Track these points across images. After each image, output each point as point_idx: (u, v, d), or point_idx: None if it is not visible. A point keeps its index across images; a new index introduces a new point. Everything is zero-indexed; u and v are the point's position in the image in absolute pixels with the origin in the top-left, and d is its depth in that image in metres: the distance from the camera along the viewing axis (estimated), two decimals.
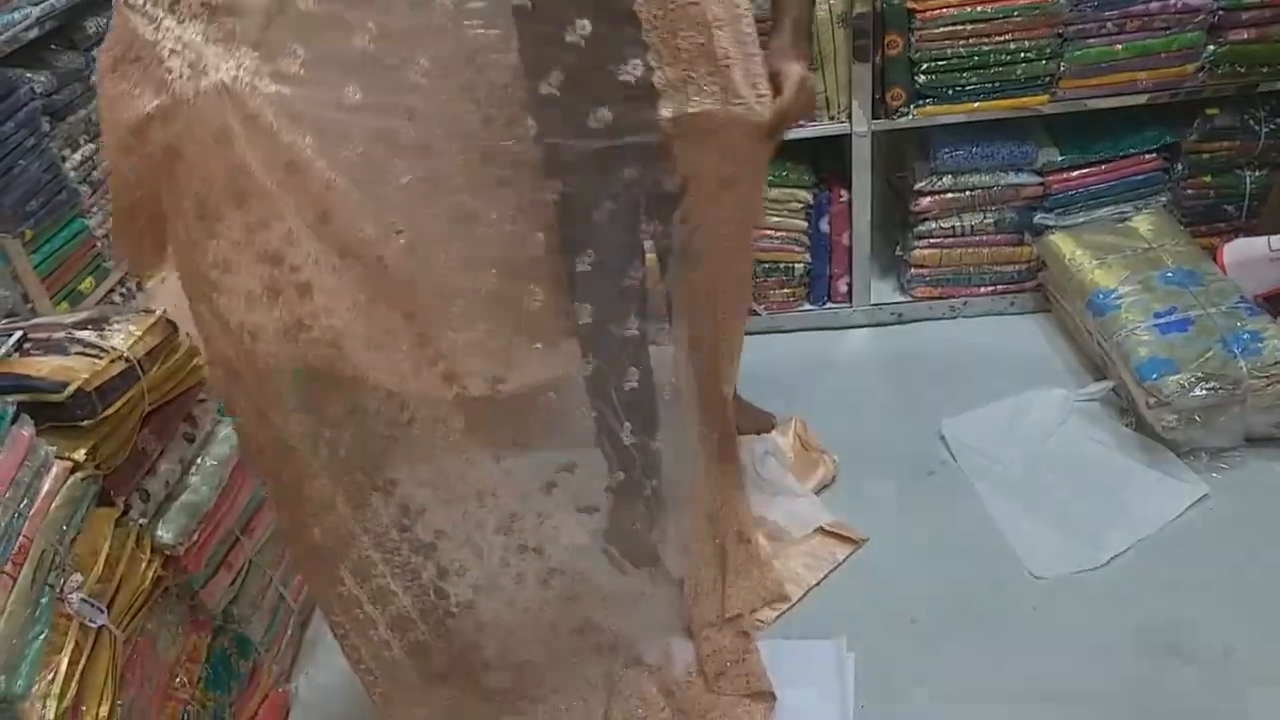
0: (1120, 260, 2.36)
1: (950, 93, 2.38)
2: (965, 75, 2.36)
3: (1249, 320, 2.12)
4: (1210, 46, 2.31)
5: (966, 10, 2.29)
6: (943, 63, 2.34)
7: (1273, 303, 2.24)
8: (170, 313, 1.62)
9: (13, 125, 2.13)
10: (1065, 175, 2.50)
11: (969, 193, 2.52)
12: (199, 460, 1.70)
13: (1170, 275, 2.29)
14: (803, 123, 2.33)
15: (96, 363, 1.47)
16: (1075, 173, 2.49)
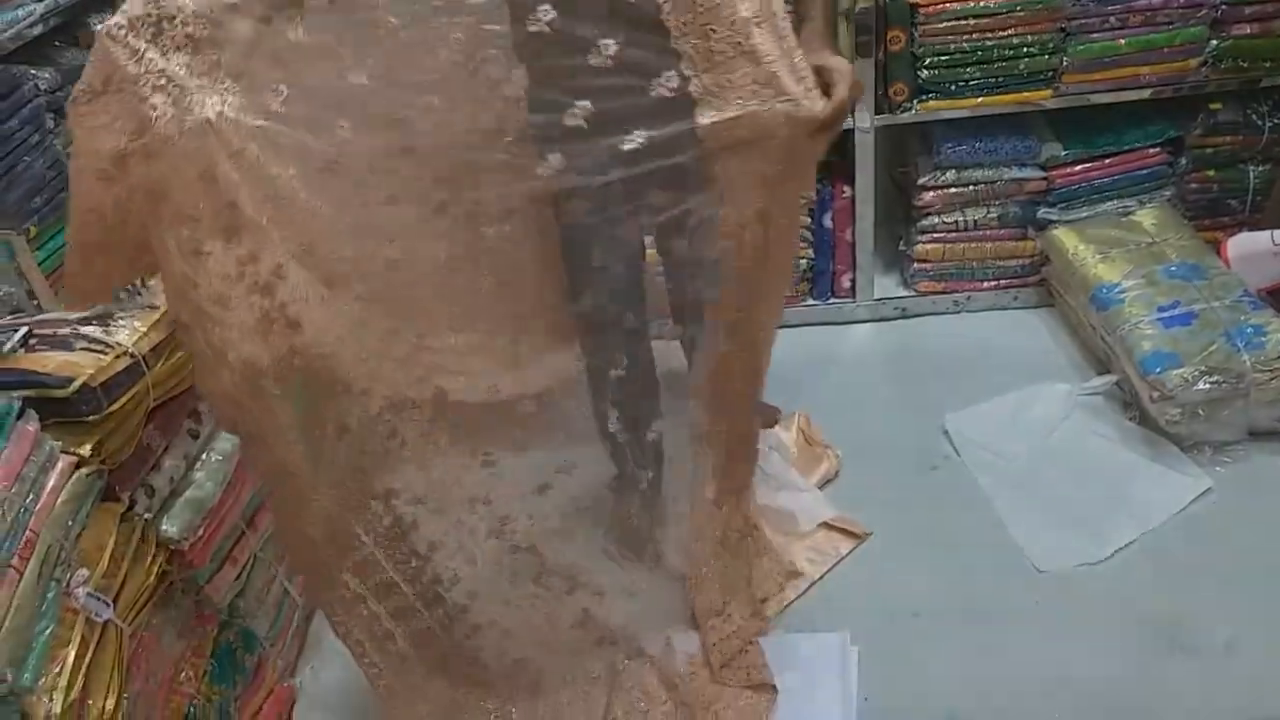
0: (1124, 254, 2.36)
1: (953, 88, 2.38)
2: (968, 70, 2.36)
3: (1252, 314, 2.12)
4: (1213, 41, 2.31)
5: (969, 5, 2.29)
6: (946, 58, 2.34)
7: (1276, 297, 2.24)
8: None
9: (17, 122, 2.13)
10: (1068, 170, 2.50)
11: (972, 187, 2.52)
12: (204, 455, 1.70)
13: (1174, 269, 2.28)
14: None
15: (102, 358, 1.47)
16: (1078, 167, 2.49)
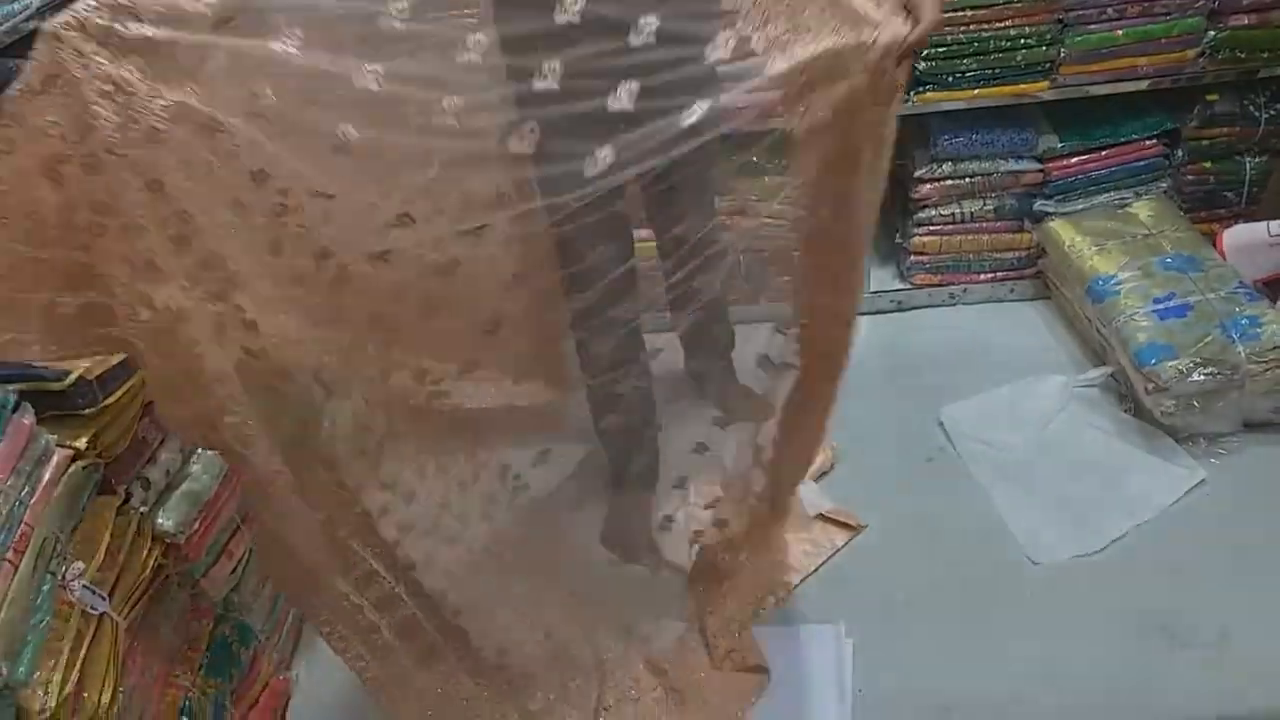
0: (1120, 246, 2.36)
1: (950, 79, 2.37)
2: (965, 62, 2.35)
3: (1248, 305, 2.12)
4: (1210, 32, 2.31)
5: None
6: (943, 49, 2.34)
7: (1272, 288, 2.24)
8: None
9: None
10: (1065, 162, 2.49)
11: (969, 179, 2.51)
12: (199, 449, 1.70)
13: (1169, 261, 2.28)
14: None
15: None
16: (1075, 159, 2.49)
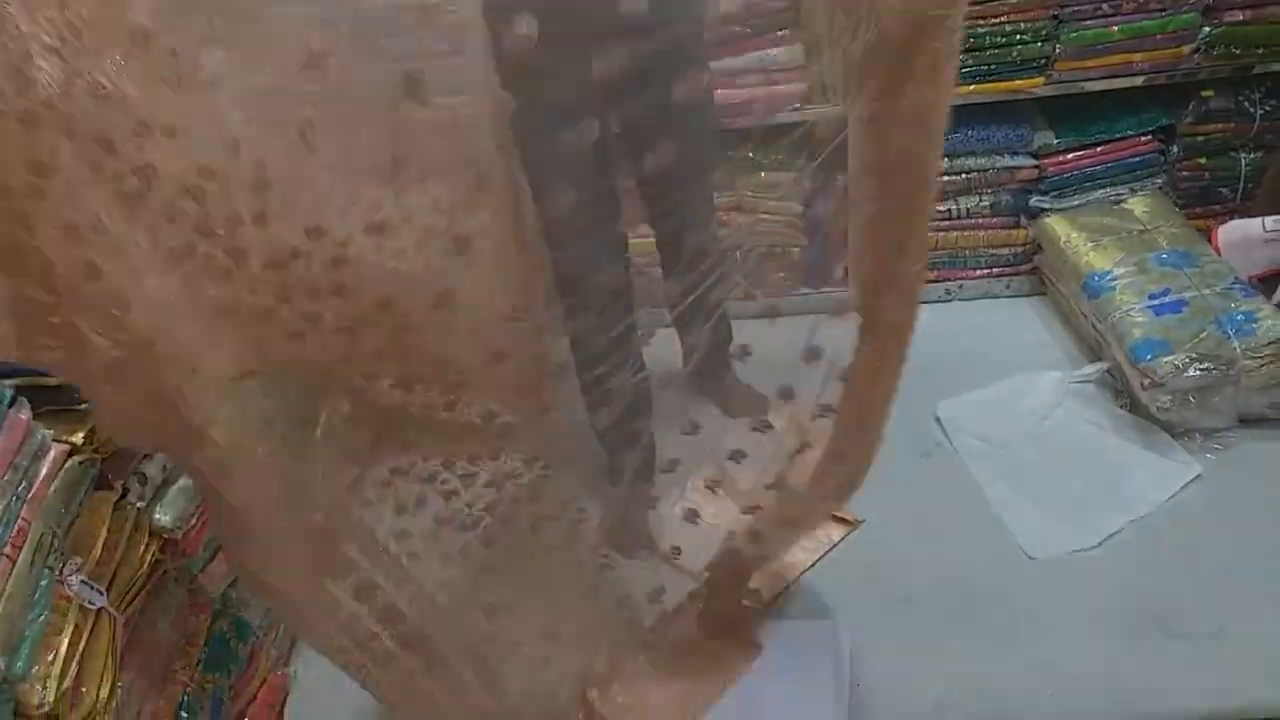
0: (1115, 242, 2.36)
1: None
2: (960, 58, 2.33)
3: (1243, 301, 2.12)
4: (1205, 28, 2.31)
5: None
6: None
7: (1267, 284, 2.25)
8: None
9: None
10: (1061, 158, 2.50)
11: (964, 175, 2.52)
12: None
13: (1165, 257, 2.29)
14: None
15: None
16: (1070, 155, 2.49)
